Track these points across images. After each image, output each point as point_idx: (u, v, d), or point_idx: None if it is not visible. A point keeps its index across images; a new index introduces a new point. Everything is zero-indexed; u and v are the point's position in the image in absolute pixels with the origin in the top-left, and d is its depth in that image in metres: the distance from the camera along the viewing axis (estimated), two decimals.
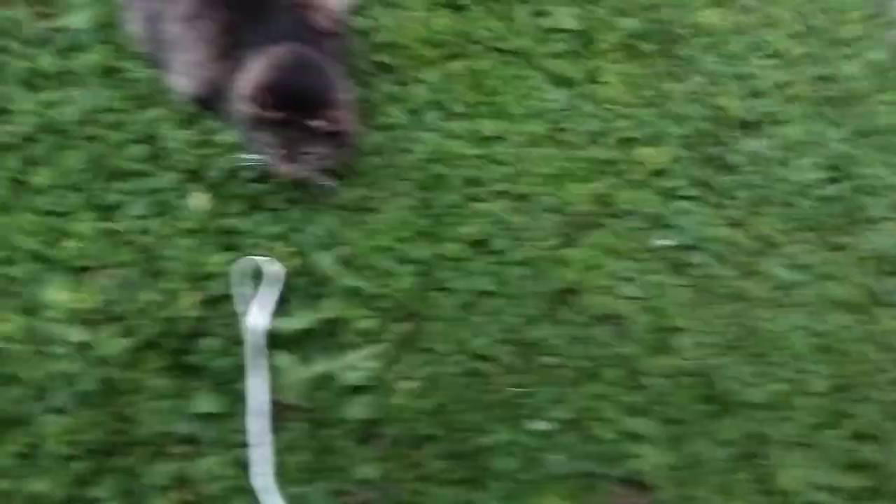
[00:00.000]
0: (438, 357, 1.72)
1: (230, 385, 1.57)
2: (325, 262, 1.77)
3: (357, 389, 1.63)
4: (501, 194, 2.00)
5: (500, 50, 2.30)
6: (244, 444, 1.52)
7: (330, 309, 1.70)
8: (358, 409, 1.60)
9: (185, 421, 1.53)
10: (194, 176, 1.84)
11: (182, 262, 1.70)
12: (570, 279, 1.88)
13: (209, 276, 1.70)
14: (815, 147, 2.25)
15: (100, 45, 1.99)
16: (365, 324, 1.70)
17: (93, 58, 1.97)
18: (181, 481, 1.48)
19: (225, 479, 1.48)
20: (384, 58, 2.18)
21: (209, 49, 1.86)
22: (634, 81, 2.33)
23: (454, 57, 2.26)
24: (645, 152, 2.14)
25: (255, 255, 1.71)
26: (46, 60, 1.94)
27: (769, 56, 2.48)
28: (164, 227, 1.75)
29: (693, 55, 2.45)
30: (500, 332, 1.78)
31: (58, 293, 1.59)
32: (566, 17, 2.43)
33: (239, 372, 1.59)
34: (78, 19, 2.03)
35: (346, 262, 1.80)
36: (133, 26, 2.03)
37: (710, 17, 2.58)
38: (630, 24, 2.45)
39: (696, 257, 1.97)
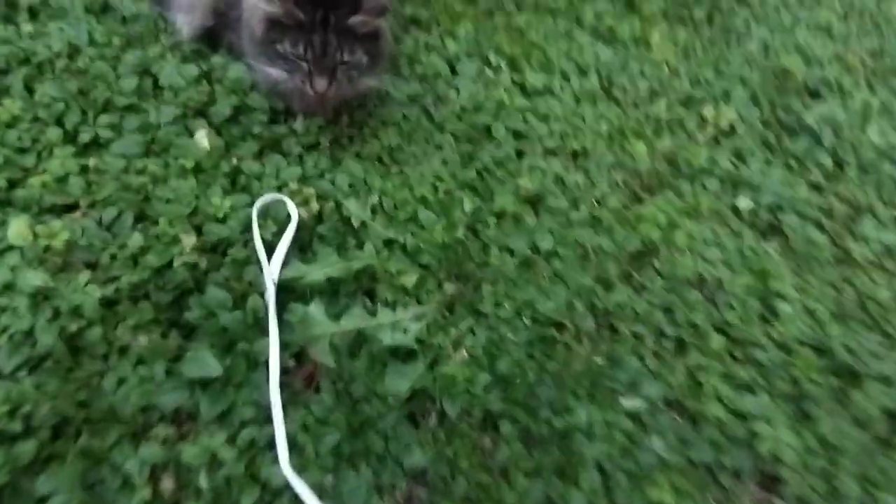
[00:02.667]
0: (498, 322, 1.29)
1: (235, 346, 1.13)
2: (353, 207, 1.36)
3: (399, 354, 1.19)
4: (554, 151, 1.62)
5: (536, 8, 1.97)
6: (251, 422, 1.07)
7: (361, 259, 1.27)
8: (401, 379, 1.15)
9: (174, 391, 1.08)
10: (197, 113, 1.45)
11: (180, 204, 1.28)
12: (646, 240, 1.48)
13: (212, 219, 1.28)
14: (886, 114, 1.91)
15: None
16: (406, 279, 1.28)
17: None
18: (166, 469, 1.02)
19: (226, 466, 1.02)
20: (416, 12, 1.84)
21: None
22: (685, 44, 2.00)
23: (490, 13, 1.92)
24: (710, 112, 1.77)
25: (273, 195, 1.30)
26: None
27: (819, 29, 2.20)
28: (158, 166, 1.34)
29: (742, 25, 2.15)
30: (569, 296, 1.36)
31: (17, 234, 1.15)
32: None
33: (248, 331, 1.15)
34: None
35: (378, 212, 1.39)
36: None
37: None
38: None
39: (785, 219, 1.57)
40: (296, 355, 1.17)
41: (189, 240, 1.21)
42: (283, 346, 1.15)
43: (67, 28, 1.52)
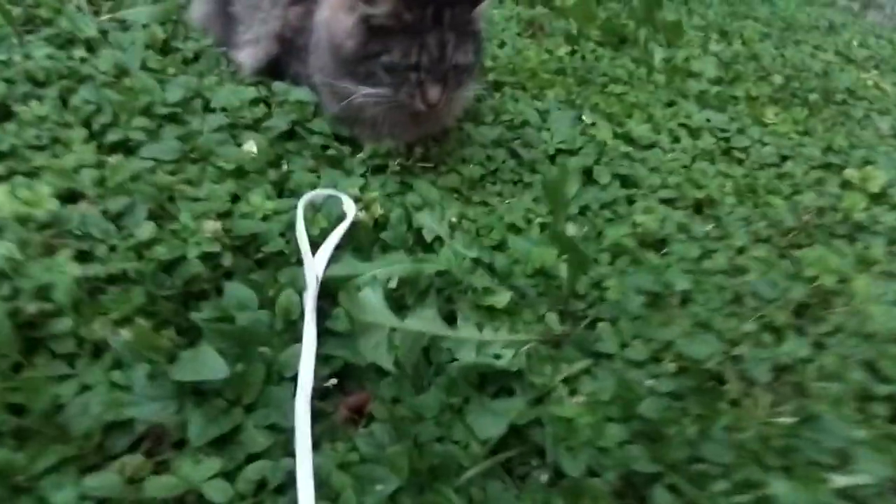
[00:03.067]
0: (628, 366, 0.90)
1: (253, 351, 0.77)
2: (426, 220, 1.05)
3: (488, 384, 0.81)
4: (671, 201, 1.32)
5: (630, 78, 1.79)
6: (262, 454, 0.68)
7: (437, 263, 0.94)
8: (492, 417, 0.76)
9: (154, 401, 0.71)
10: (249, 127, 1.23)
11: (210, 202, 1.00)
12: (817, 290, 1.11)
13: (247, 217, 0.99)
14: None
15: (155, 27, 1.51)
16: (494, 299, 0.92)
17: (142, 35, 1.48)
18: None
19: None
20: (500, 78, 1.67)
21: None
22: (804, 121, 1.74)
23: (583, 82, 1.74)
24: (854, 174, 1.46)
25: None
26: (91, 30, 1.47)
27: None
28: (194, 170, 1.09)
29: (861, 112, 1.91)
30: (723, 343, 0.97)
31: None
32: (709, 66, 1.94)
33: (274, 336, 0.80)
34: (137, 13, 1.60)
35: (457, 230, 1.08)
36: (196, 7, 1.60)
37: (868, 80, 2.10)
38: (778, 79, 1.98)
39: None
40: (339, 378, 0.80)
41: (211, 226, 0.91)
42: (324, 360, 0.79)
43: (120, 54, 1.38)
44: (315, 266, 0.86)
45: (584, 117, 1.50)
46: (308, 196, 0.98)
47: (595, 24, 2.01)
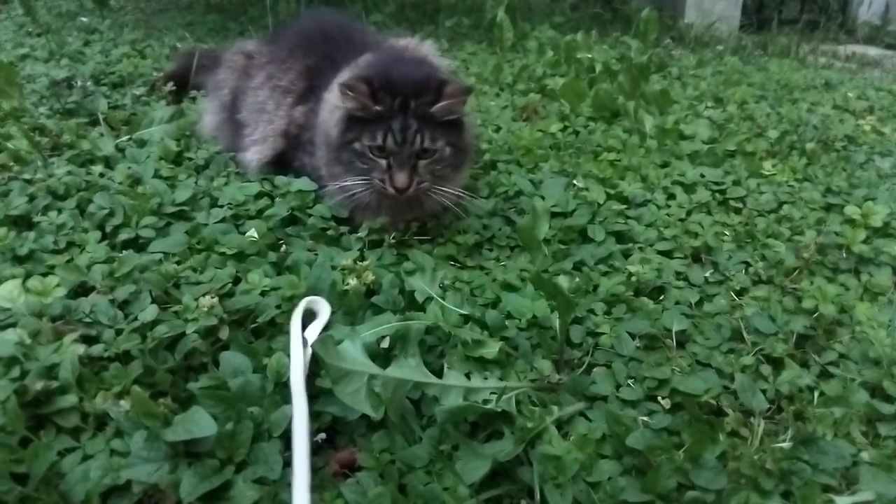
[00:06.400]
0: (623, 405, 0.91)
1: (242, 411, 0.81)
2: (417, 283, 1.10)
3: (477, 431, 0.82)
4: (668, 252, 1.36)
5: (624, 147, 1.87)
6: None
7: (425, 319, 0.98)
8: (478, 460, 0.77)
9: (149, 462, 0.75)
10: (252, 217, 1.32)
11: (211, 284, 1.08)
12: (818, 320, 1.12)
13: (242, 293, 1.05)
14: None
15: (168, 142, 1.66)
16: (484, 350, 0.96)
17: (156, 149, 1.63)
18: None
19: None
20: (496, 156, 1.77)
21: (288, 99, 1.52)
22: (803, 169, 1.78)
23: (576, 153, 1.82)
24: (855, 211, 1.48)
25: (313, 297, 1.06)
26: (109, 149, 1.62)
27: None
28: (199, 258, 1.17)
29: (862, 156, 1.94)
30: (722, 379, 0.98)
31: (6, 294, 0.97)
32: (702, 129, 2.02)
33: (264, 397, 0.84)
34: (153, 131, 1.76)
35: (449, 291, 1.12)
36: (207, 120, 1.75)
37: (866, 125, 2.15)
38: (774, 133, 2.05)
39: None
40: (330, 433, 0.83)
41: (208, 301, 0.97)
42: (315, 416, 0.83)
43: (135, 167, 1.52)
44: (301, 336, 0.91)
45: (576, 182, 1.56)
46: (302, 305, 1.02)
47: (586, 101, 2.12)
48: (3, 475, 0.73)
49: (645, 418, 0.89)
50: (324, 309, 1.01)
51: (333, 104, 1.33)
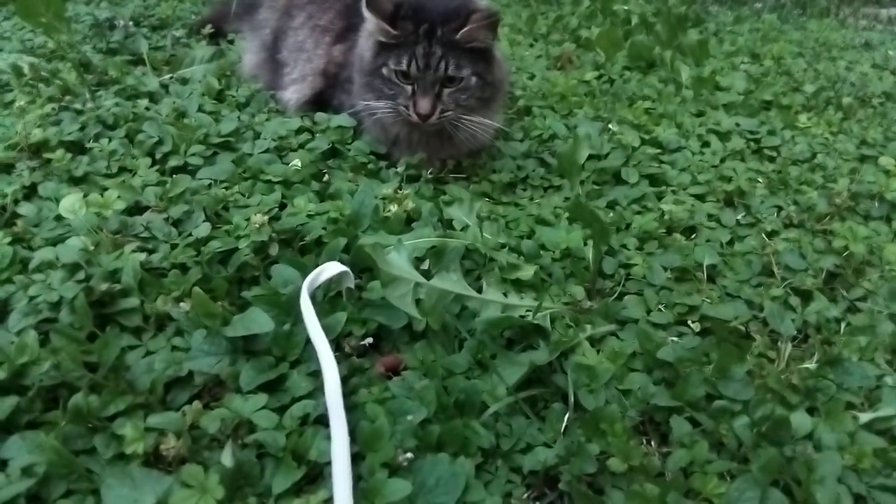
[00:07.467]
0: (654, 328, 0.95)
1: (297, 314, 0.87)
2: (455, 212, 1.14)
3: (514, 342, 0.87)
4: (701, 196, 1.38)
5: (660, 95, 1.87)
6: (305, 396, 0.77)
7: (463, 238, 1.03)
8: (515, 366, 0.82)
9: (210, 356, 0.81)
10: (294, 150, 1.37)
11: (260, 207, 1.13)
12: (848, 259, 1.15)
13: (290, 216, 1.10)
14: None
15: (211, 79, 1.70)
16: (520, 273, 1.00)
17: (199, 86, 1.67)
18: (179, 437, 0.71)
19: (260, 434, 0.70)
20: (530, 102, 1.79)
21: (327, 38, 1.55)
22: (838, 123, 1.78)
23: (613, 99, 1.84)
24: (890, 162, 1.49)
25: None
26: (153, 85, 1.67)
27: None
28: (246, 185, 1.22)
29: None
30: (750, 308, 1.01)
31: (68, 206, 1.03)
32: (738, 81, 2.01)
33: (317, 305, 0.89)
34: (194, 70, 1.80)
35: (486, 221, 1.16)
36: (248, 59, 1.79)
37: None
38: (810, 88, 2.04)
39: None
40: (375, 339, 0.88)
41: (259, 219, 1.02)
42: (361, 323, 0.88)
43: (179, 101, 1.56)
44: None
45: (611, 126, 1.58)
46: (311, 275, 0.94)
47: (622, 51, 2.12)
48: (76, 363, 0.79)
49: (675, 339, 0.93)
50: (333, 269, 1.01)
51: (369, 31, 1.35)
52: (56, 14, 1.68)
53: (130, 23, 2.15)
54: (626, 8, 2.72)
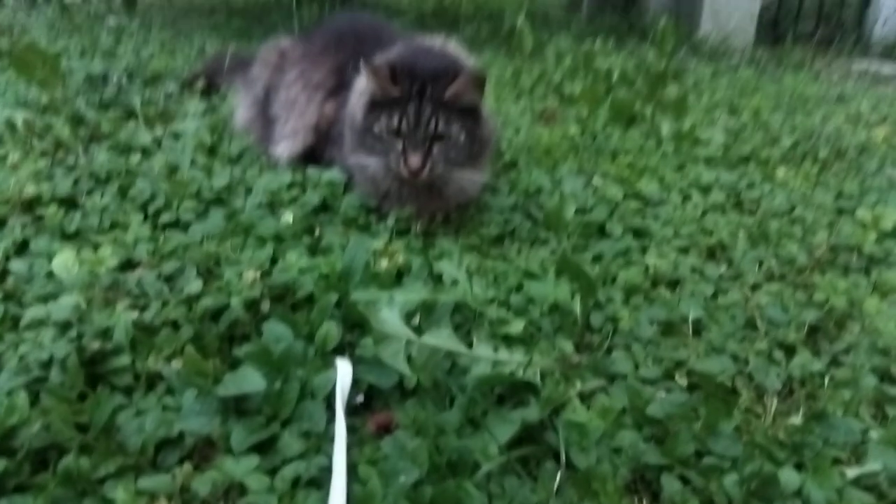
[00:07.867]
0: (642, 384, 0.96)
1: (289, 371, 0.87)
2: (445, 267, 1.16)
3: (506, 399, 0.88)
4: (685, 249, 1.41)
5: (641, 150, 1.92)
6: (297, 457, 0.77)
7: (453, 293, 1.04)
8: (507, 424, 0.83)
9: (201, 415, 0.81)
10: (285, 205, 1.39)
11: (252, 262, 1.14)
12: (829, 312, 1.17)
13: (281, 271, 1.11)
14: None
15: (203, 134, 1.73)
16: (510, 328, 1.01)
17: (191, 141, 1.70)
18: (171, 500, 0.71)
19: (252, 496, 0.70)
20: (514, 156, 1.83)
21: (319, 94, 1.59)
22: (815, 175, 1.84)
23: (595, 154, 1.88)
24: (866, 215, 1.53)
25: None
26: (146, 140, 1.69)
27: None
28: (238, 240, 1.24)
29: (874, 165, 1.99)
30: (737, 364, 1.03)
31: (62, 264, 1.04)
32: (717, 134, 2.07)
33: (308, 361, 0.90)
34: (187, 125, 1.83)
35: (475, 275, 1.18)
36: (240, 114, 1.82)
37: (877, 135, 2.20)
38: (787, 141, 2.10)
39: None
40: (367, 398, 0.89)
41: (252, 275, 1.03)
42: (353, 383, 0.88)
43: (172, 156, 1.58)
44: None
45: (595, 180, 1.62)
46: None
47: (603, 106, 2.18)
48: (67, 424, 0.79)
49: (663, 395, 0.94)
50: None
51: (360, 90, 1.39)
52: (51, 69, 1.71)
53: (124, 77, 2.19)
54: (606, 65, 2.80)
